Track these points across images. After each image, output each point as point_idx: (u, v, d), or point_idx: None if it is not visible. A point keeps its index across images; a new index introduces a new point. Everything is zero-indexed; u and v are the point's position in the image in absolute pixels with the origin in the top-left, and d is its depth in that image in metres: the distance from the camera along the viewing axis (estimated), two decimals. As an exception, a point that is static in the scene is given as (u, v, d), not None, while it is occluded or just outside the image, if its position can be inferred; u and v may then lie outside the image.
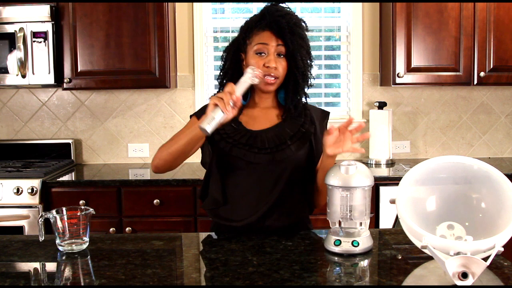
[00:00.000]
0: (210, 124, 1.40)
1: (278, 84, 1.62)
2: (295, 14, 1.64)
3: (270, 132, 1.62)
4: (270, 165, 1.60)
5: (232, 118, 1.47)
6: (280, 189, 1.60)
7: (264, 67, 1.57)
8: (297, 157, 1.62)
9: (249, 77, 1.51)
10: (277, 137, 1.62)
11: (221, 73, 1.70)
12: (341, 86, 3.42)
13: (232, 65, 1.67)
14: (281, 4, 1.63)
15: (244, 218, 1.61)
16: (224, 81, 1.68)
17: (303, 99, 1.69)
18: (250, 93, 1.67)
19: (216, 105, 1.40)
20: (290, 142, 1.61)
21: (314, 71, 1.80)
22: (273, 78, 1.59)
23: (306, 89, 1.68)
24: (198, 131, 1.48)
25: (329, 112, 1.77)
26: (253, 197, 1.61)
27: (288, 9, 1.63)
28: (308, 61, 1.65)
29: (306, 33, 1.65)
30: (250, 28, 1.62)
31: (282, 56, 1.60)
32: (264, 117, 1.67)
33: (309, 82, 1.67)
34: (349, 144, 1.48)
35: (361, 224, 1.41)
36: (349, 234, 1.40)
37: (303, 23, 1.64)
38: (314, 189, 1.68)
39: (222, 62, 1.70)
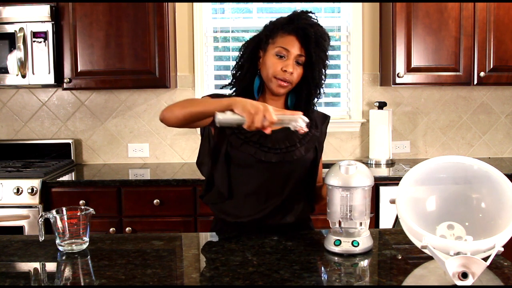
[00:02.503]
0: (225, 122, 1.36)
1: (289, 89, 1.64)
2: (322, 26, 1.63)
3: (280, 133, 1.63)
4: (279, 165, 1.62)
5: None
6: (289, 189, 1.63)
7: (281, 70, 1.58)
8: (305, 159, 1.65)
9: (293, 124, 1.37)
10: (287, 139, 1.64)
11: (236, 66, 1.70)
12: (341, 86, 3.42)
13: (248, 60, 1.67)
14: (309, 14, 1.62)
15: (250, 215, 1.62)
16: (238, 74, 1.67)
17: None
18: (261, 94, 1.69)
19: (251, 113, 1.33)
20: (299, 144, 1.64)
21: None
22: (286, 83, 1.60)
23: (316, 100, 1.69)
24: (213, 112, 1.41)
25: (329, 116, 1.80)
26: (262, 195, 1.63)
27: (316, 19, 1.62)
28: (323, 75, 1.65)
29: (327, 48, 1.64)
30: (276, 29, 1.62)
31: (300, 64, 1.61)
32: None
33: (317, 99, 1.68)
34: None
35: (361, 224, 1.41)
36: (349, 234, 1.40)
37: (327, 38, 1.63)
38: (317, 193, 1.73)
39: (239, 55, 1.70)
